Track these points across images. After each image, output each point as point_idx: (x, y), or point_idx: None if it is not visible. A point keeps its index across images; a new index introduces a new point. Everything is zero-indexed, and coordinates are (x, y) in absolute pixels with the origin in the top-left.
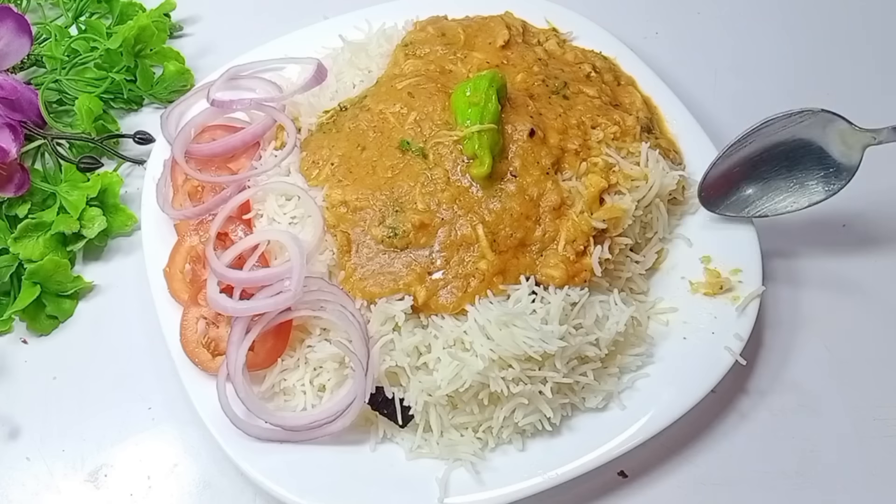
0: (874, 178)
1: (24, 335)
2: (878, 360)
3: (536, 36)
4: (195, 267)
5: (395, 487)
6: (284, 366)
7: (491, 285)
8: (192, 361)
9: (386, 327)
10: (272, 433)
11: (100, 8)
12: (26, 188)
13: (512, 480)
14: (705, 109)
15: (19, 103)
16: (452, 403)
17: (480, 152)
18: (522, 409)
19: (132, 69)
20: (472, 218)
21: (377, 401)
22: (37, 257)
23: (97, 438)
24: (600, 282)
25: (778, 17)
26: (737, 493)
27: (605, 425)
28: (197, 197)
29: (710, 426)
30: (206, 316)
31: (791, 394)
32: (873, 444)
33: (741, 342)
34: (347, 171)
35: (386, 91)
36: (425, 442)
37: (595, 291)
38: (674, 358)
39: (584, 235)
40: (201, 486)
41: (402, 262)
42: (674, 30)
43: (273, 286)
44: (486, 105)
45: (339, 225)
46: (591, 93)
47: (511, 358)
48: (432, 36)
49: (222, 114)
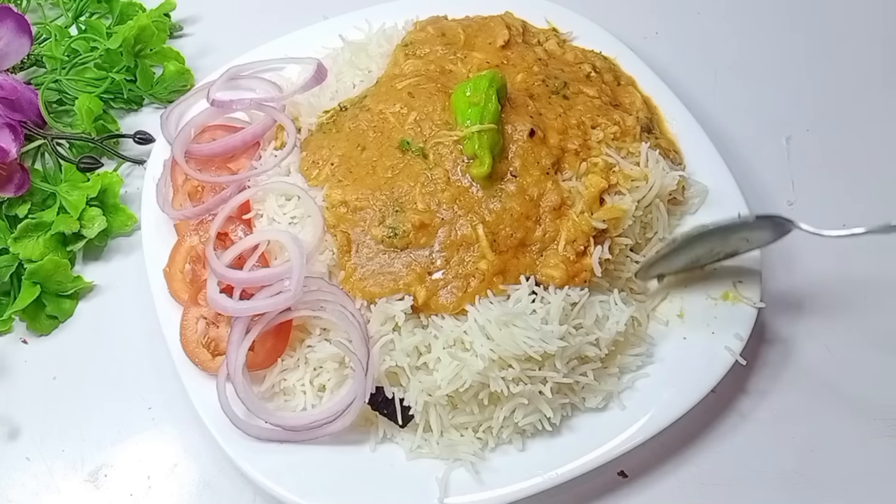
0: (874, 177)
1: (24, 335)
2: (878, 360)
3: (536, 36)
4: (195, 267)
5: (395, 487)
6: (284, 366)
7: (491, 285)
8: (192, 361)
9: (386, 327)
10: (272, 433)
11: (100, 8)
12: (26, 188)
13: (512, 480)
14: (705, 109)
15: (19, 103)
16: (452, 403)
17: (480, 152)
18: (522, 409)
19: (132, 69)
20: (473, 218)
21: (377, 401)
22: (37, 257)
23: (97, 438)
24: (600, 282)
25: (778, 16)
26: (737, 493)
27: (605, 425)
28: (197, 197)
29: (710, 426)
30: (206, 316)
31: (791, 394)
32: (873, 444)
33: (741, 342)
34: (347, 171)
35: (386, 91)
36: (425, 442)
37: (595, 291)
38: (674, 358)
39: (585, 235)
40: (201, 487)
41: (402, 262)
42: (674, 30)
43: (273, 286)
44: (486, 105)
45: (339, 225)
46: (591, 93)
47: (511, 358)
48: (432, 36)
49: (222, 114)
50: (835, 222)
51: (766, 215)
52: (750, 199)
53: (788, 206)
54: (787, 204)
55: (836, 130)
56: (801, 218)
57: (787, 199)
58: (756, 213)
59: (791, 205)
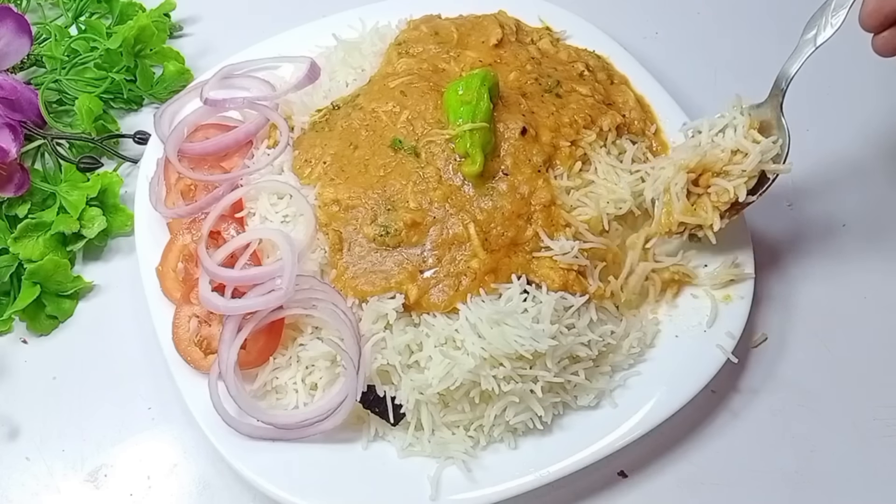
0: (874, 177)
1: (24, 335)
2: (878, 359)
3: (530, 35)
4: (187, 265)
5: (386, 485)
6: (276, 364)
7: (483, 284)
8: (185, 360)
9: (377, 325)
10: (264, 431)
11: (100, 8)
12: (26, 188)
13: (503, 479)
14: (705, 110)
15: (19, 103)
16: (444, 402)
17: (472, 150)
18: (514, 407)
19: (132, 69)
20: (464, 216)
21: (369, 399)
22: (37, 257)
23: (97, 438)
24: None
25: (778, 17)
26: (736, 493)
27: (597, 423)
28: (190, 195)
29: (710, 426)
30: (199, 314)
31: (791, 393)
32: (873, 444)
33: (733, 340)
34: (340, 169)
35: (379, 90)
36: (417, 440)
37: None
38: (666, 356)
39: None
40: (201, 486)
41: (394, 261)
42: (673, 30)
43: (265, 284)
44: (477, 103)
45: (331, 223)
46: (583, 91)
47: (502, 356)
48: (425, 34)
49: (215, 112)
50: (835, 222)
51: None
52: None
53: (788, 206)
54: (786, 204)
55: (836, 130)
56: (801, 218)
57: (787, 199)
58: None
59: (791, 205)
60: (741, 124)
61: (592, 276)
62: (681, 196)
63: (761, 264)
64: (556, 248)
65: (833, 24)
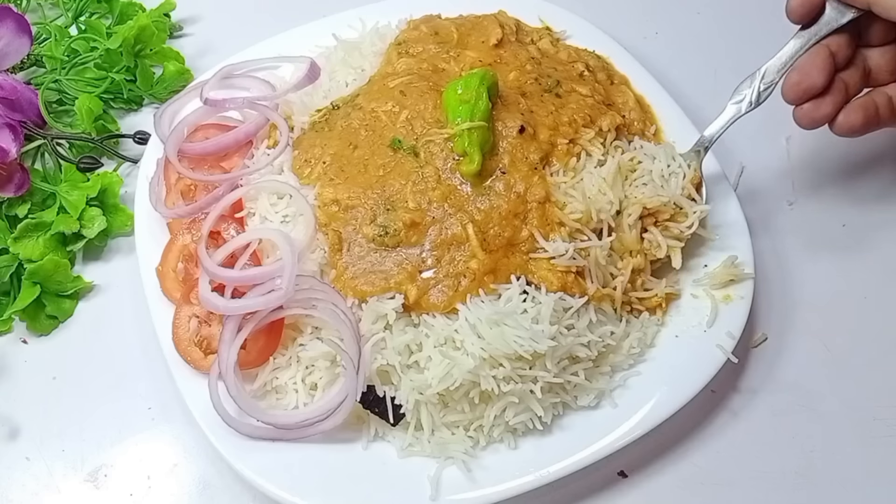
0: (873, 177)
1: (24, 335)
2: (877, 359)
3: (530, 35)
4: (187, 265)
5: (386, 485)
6: (276, 364)
7: (482, 284)
8: (185, 360)
9: (377, 326)
10: (264, 431)
11: (100, 8)
12: (26, 188)
13: (503, 479)
14: (705, 110)
15: (19, 103)
16: (443, 402)
17: (470, 150)
18: (513, 407)
19: (132, 69)
20: (463, 217)
21: (368, 399)
22: (37, 257)
23: (97, 438)
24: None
25: (778, 17)
26: (737, 493)
27: (597, 424)
28: (190, 195)
29: (710, 426)
30: (199, 314)
31: (791, 394)
32: (873, 444)
33: (733, 340)
34: (339, 169)
35: (378, 90)
36: (416, 440)
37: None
38: (666, 356)
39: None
40: (201, 486)
41: (394, 261)
42: (673, 30)
43: (265, 285)
44: (476, 103)
45: (331, 223)
46: (583, 91)
47: (502, 357)
48: (425, 34)
49: (215, 112)
50: (835, 222)
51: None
52: (750, 199)
53: (788, 206)
54: (787, 204)
55: None
56: (801, 218)
57: (787, 199)
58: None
59: (791, 205)
60: (687, 176)
61: (591, 278)
62: (633, 227)
63: (761, 264)
64: (551, 249)
65: (761, 98)
